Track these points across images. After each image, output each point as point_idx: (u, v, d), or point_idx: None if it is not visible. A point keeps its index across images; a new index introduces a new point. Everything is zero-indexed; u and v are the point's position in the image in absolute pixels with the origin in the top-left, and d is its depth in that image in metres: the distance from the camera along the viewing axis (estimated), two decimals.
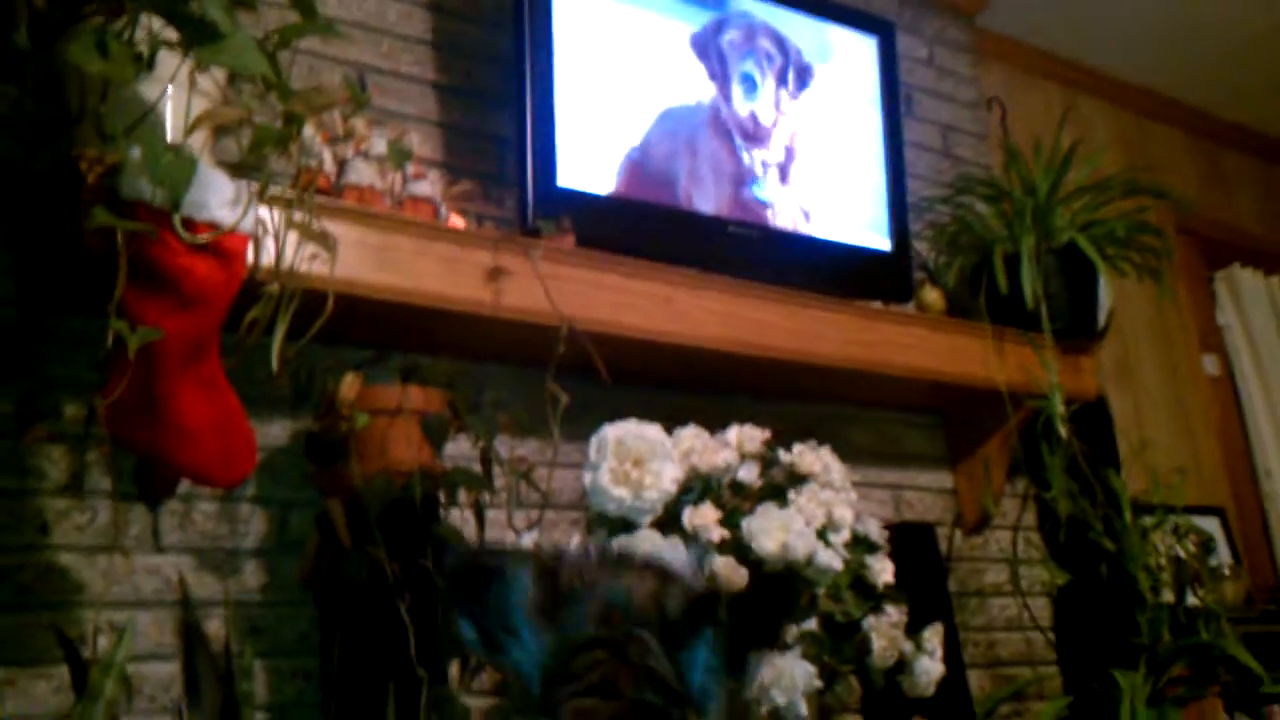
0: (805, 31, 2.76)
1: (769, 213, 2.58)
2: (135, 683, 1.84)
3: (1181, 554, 2.88)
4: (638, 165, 2.41)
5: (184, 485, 1.81)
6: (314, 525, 1.94)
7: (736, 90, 2.60)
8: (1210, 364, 4.32)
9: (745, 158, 2.58)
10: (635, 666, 1.14)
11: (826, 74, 2.77)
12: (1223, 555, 3.68)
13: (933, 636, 2.33)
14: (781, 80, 2.68)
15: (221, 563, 2.00)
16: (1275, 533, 4.22)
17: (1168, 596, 2.81)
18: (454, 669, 2.04)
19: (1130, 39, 4.06)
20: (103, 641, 1.76)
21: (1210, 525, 3.64)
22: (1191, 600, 2.85)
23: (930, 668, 2.31)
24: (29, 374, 1.87)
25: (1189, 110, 4.59)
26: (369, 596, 1.82)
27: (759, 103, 2.62)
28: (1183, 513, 2.91)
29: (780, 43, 2.70)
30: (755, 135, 2.60)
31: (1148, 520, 2.84)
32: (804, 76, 2.72)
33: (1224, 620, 2.82)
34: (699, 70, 2.56)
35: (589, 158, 2.35)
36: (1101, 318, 2.95)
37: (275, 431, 2.09)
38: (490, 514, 2.07)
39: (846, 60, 2.84)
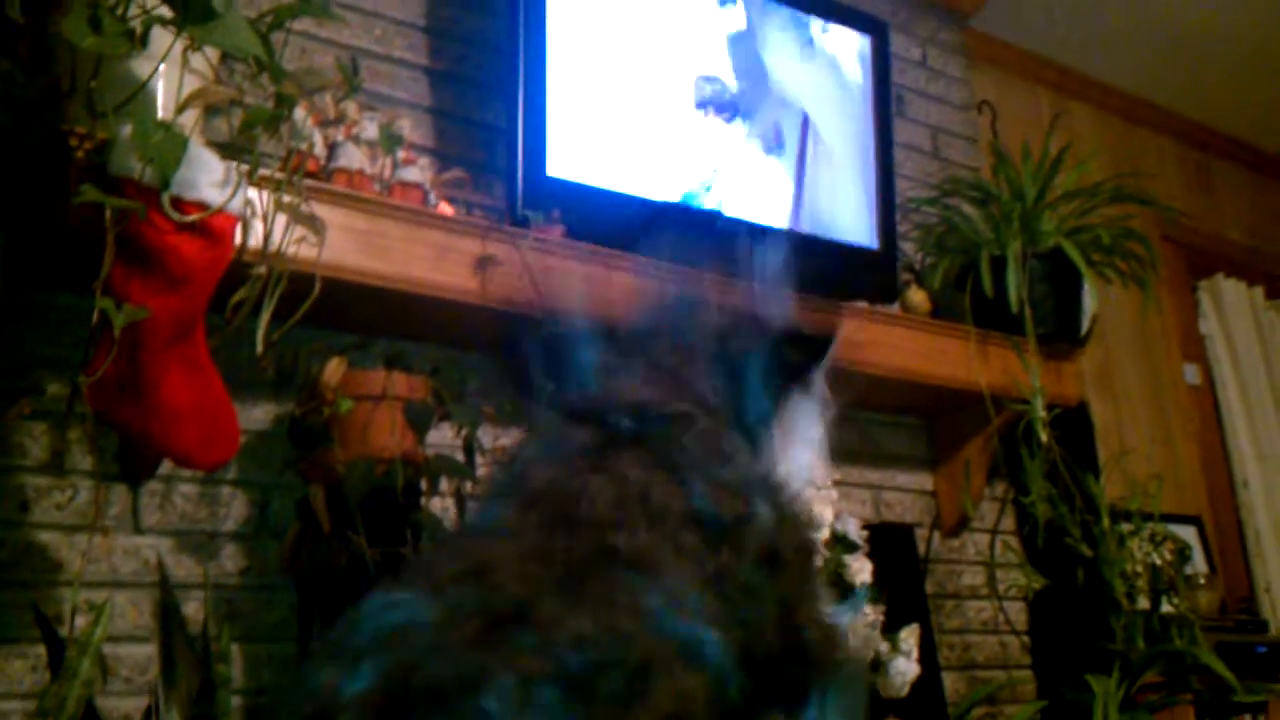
0: (799, 28, 2.76)
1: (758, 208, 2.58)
2: (111, 663, 1.84)
3: (1157, 561, 2.89)
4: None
5: (165, 466, 1.80)
6: (295, 510, 1.94)
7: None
8: (1191, 373, 4.34)
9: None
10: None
11: (818, 71, 2.77)
12: (1198, 564, 3.69)
13: (909, 637, 2.34)
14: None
15: (201, 545, 1.99)
16: (1251, 543, 4.25)
17: (1143, 603, 2.82)
18: None
19: (1122, 46, 4.08)
20: (80, 621, 1.75)
21: (1187, 534, 3.65)
22: (1166, 608, 2.86)
23: (906, 668, 2.32)
24: (12, 350, 1.86)
25: (1177, 119, 4.61)
26: (348, 583, 1.81)
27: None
28: (1160, 520, 2.92)
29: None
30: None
31: (1125, 527, 2.85)
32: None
33: (1198, 629, 2.83)
34: (695, 60, 2.55)
35: (580, 148, 2.34)
36: (1085, 323, 2.96)
37: (258, 415, 2.08)
38: (472, 504, 2.06)
39: (840, 58, 2.84)
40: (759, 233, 2.56)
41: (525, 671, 0.79)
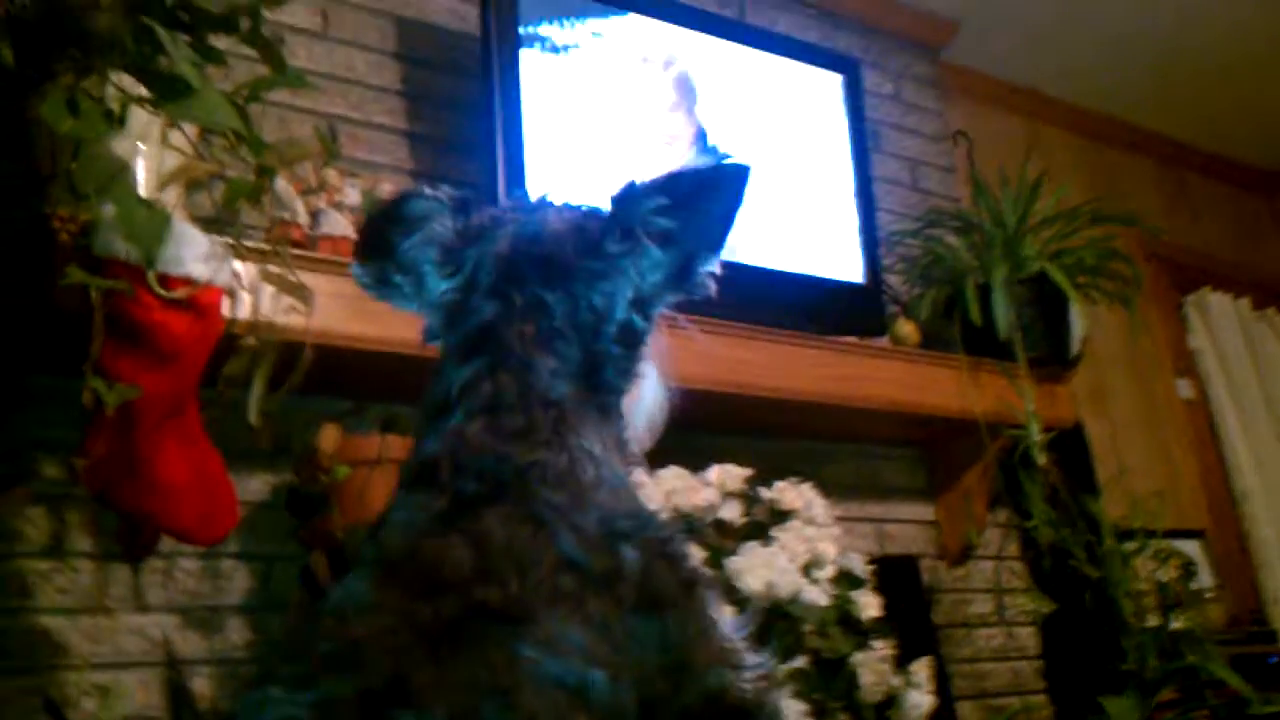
0: (773, 71, 2.78)
1: (742, 249, 2.59)
2: None
3: (1164, 578, 2.89)
4: None
5: (165, 543, 1.79)
6: (298, 579, 1.93)
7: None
8: (1184, 387, 4.35)
9: None
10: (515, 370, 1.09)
11: (795, 112, 2.79)
12: (1204, 578, 3.68)
13: (921, 669, 2.33)
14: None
15: (206, 620, 1.98)
16: (1255, 554, 4.24)
17: (1152, 621, 2.81)
18: None
19: (1092, 68, 4.11)
20: (89, 704, 1.74)
21: (1191, 548, 3.64)
22: (1176, 624, 2.85)
23: (919, 701, 2.30)
24: (5, 435, 1.86)
25: (1153, 136, 4.64)
26: None
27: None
28: (1163, 537, 2.92)
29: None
30: None
31: (1129, 545, 2.85)
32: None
33: (1209, 643, 2.82)
34: (669, 116, 2.57)
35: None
36: (1075, 345, 2.97)
37: (255, 486, 2.08)
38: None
39: (815, 98, 2.86)
40: (745, 274, 2.57)
41: None
